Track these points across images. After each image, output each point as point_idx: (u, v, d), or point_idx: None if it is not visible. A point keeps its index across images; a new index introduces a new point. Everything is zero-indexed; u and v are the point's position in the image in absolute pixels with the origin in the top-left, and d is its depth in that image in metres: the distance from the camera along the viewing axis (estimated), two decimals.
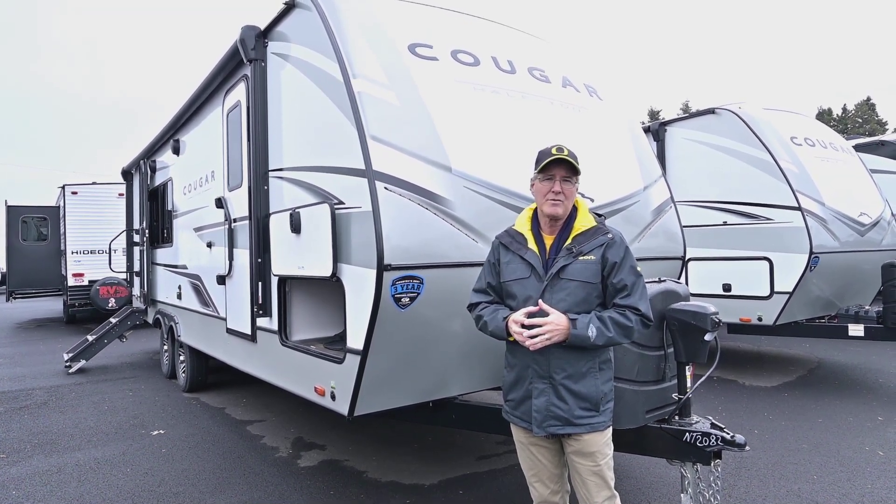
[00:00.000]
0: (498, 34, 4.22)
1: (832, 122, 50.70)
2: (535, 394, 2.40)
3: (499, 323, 2.41)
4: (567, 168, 2.41)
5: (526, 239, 2.49)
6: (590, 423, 2.39)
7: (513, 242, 2.51)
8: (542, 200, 2.44)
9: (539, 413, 2.39)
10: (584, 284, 2.37)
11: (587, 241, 2.42)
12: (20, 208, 15.13)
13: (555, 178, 2.41)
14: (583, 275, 2.37)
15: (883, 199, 7.58)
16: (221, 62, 4.97)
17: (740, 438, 2.87)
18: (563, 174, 2.41)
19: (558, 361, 2.37)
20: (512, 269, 2.47)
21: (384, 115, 3.21)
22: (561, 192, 2.40)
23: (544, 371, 2.39)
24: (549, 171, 2.42)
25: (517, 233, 2.54)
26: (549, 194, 2.41)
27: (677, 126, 7.92)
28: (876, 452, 4.65)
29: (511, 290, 2.47)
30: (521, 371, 2.46)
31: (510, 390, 2.53)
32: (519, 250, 2.47)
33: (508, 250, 2.51)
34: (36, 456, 5.01)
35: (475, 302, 2.58)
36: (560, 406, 2.37)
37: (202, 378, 7.14)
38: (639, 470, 4.35)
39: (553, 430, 2.38)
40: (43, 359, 9.82)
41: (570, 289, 2.36)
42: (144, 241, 8.56)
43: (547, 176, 2.43)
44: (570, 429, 2.38)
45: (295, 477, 4.40)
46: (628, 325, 2.33)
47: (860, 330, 6.52)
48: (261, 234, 4.24)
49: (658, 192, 4.44)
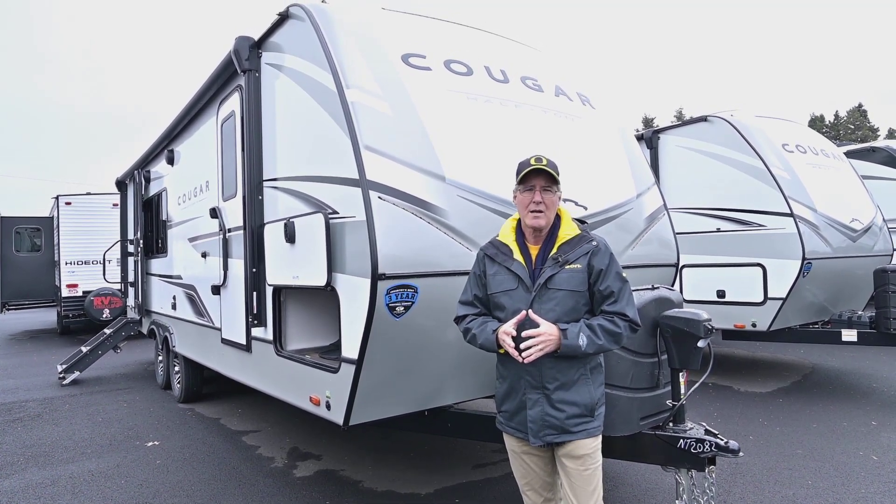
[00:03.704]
0: (491, 44, 4.25)
1: (824, 128, 51.10)
2: (530, 404, 2.41)
3: (488, 336, 2.40)
4: (546, 178, 2.42)
5: (511, 250, 2.48)
6: (585, 430, 2.41)
7: (498, 254, 2.50)
8: (525, 212, 2.45)
9: (534, 423, 2.39)
10: (572, 293, 2.38)
11: (572, 250, 2.42)
12: (13, 219, 15.06)
13: (535, 189, 2.41)
14: (570, 283, 2.37)
15: (874, 205, 7.65)
16: (216, 72, 4.98)
17: (734, 444, 2.89)
18: (543, 184, 2.41)
19: (550, 371, 2.37)
20: (499, 281, 2.46)
21: (378, 124, 3.23)
22: (542, 202, 2.40)
23: (537, 381, 2.39)
24: (528, 181, 2.43)
25: (502, 244, 2.53)
26: (531, 205, 2.41)
27: (670, 134, 7.97)
28: (870, 457, 4.67)
29: (499, 301, 2.46)
30: (514, 382, 2.45)
31: (503, 401, 2.53)
32: (505, 262, 2.47)
33: (494, 262, 2.50)
34: (30, 468, 4.98)
35: (462, 315, 2.56)
36: (555, 415, 2.37)
37: (197, 388, 7.11)
38: (633, 477, 4.35)
39: (549, 440, 2.39)
40: (37, 370, 9.75)
41: (559, 298, 2.37)
42: (139, 251, 8.54)
43: (527, 187, 2.43)
44: (565, 436, 2.39)
45: (291, 487, 4.38)
46: (617, 331, 2.35)
47: (853, 335, 6.55)
48: (255, 244, 4.25)
49: (651, 199, 4.47)
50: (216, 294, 5.22)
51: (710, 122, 7.41)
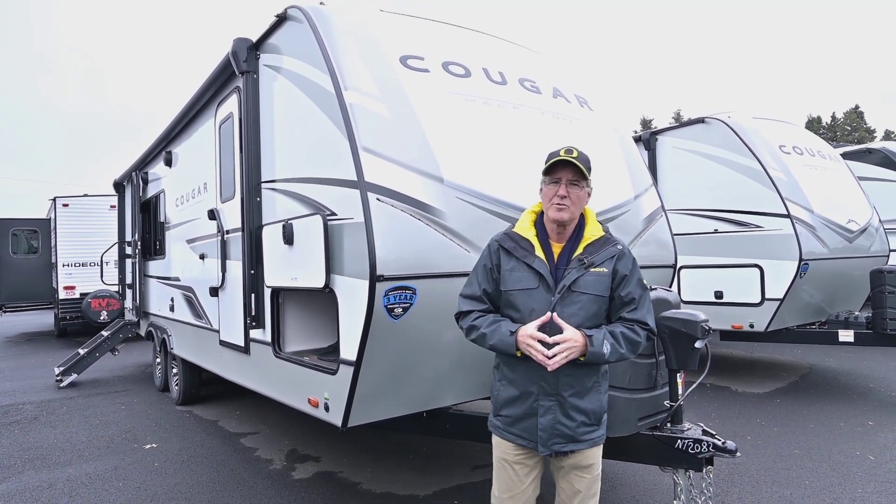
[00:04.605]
0: (489, 46, 4.26)
1: (821, 129, 51.23)
2: (542, 412, 2.27)
3: (504, 337, 2.22)
4: (574, 171, 2.26)
5: (532, 245, 2.31)
6: (591, 439, 2.33)
7: (517, 248, 2.32)
8: (548, 204, 2.29)
9: (544, 432, 2.27)
10: (596, 298, 2.25)
11: (598, 252, 2.29)
12: (10, 221, 15.04)
13: (561, 182, 2.26)
14: (596, 288, 2.25)
15: (871, 206, 7.68)
16: (214, 74, 4.98)
17: (731, 445, 2.90)
18: (570, 177, 2.26)
19: (567, 379, 2.25)
20: (517, 278, 2.29)
21: (376, 126, 3.24)
22: (567, 195, 2.25)
23: (552, 388, 2.26)
24: (555, 173, 2.28)
25: (522, 238, 2.34)
26: (555, 198, 2.26)
27: (668, 135, 8.00)
28: (867, 457, 4.69)
29: (513, 300, 2.30)
30: (525, 387, 2.30)
31: (507, 405, 2.37)
32: (525, 257, 2.29)
33: (512, 256, 2.31)
34: (27, 471, 4.97)
35: (466, 310, 2.37)
36: (566, 424, 2.27)
37: (195, 390, 7.10)
38: (631, 477, 4.35)
39: (557, 448, 2.28)
40: (34, 373, 9.72)
41: (583, 302, 2.24)
42: (136, 253, 8.53)
43: (553, 179, 2.29)
44: (573, 445, 2.29)
45: (289, 489, 4.38)
46: (637, 340, 2.25)
47: (850, 336, 6.57)
48: (253, 246, 4.25)
49: (649, 200, 4.48)
50: (214, 296, 5.21)
51: (707, 123, 7.43)
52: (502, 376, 2.40)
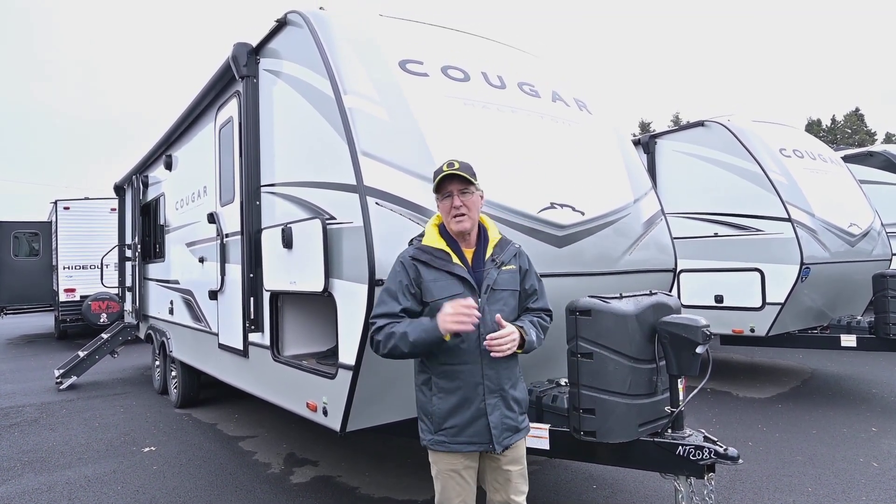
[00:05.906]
0: (488, 50, 4.26)
1: (821, 132, 51.23)
2: (490, 410, 2.35)
3: (426, 325, 2.25)
4: (461, 181, 2.40)
5: (448, 254, 2.41)
6: (526, 426, 2.51)
7: (434, 259, 2.39)
8: (448, 219, 2.42)
9: (496, 429, 2.36)
10: (513, 293, 2.48)
11: (503, 252, 2.50)
12: (11, 224, 15.07)
13: (452, 194, 2.40)
14: (511, 284, 2.47)
15: (872, 210, 7.65)
16: (214, 78, 4.99)
17: (733, 451, 2.87)
18: (460, 187, 2.40)
19: (506, 372, 2.41)
20: (441, 287, 2.35)
21: (375, 130, 3.23)
22: (462, 205, 2.39)
23: (495, 385, 2.38)
24: (444, 188, 2.42)
25: (436, 249, 2.41)
26: (452, 210, 2.40)
27: (667, 139, 7.98)
28: (870, 464, 4.66)
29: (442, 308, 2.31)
30: (469, 391, 2.35)
31: (450, 416, 2.36)
32: (444, 266, 2.38)
33: (431, 268, 2.38)
34: (26, 474, 4.95)
35: (382, 325, 2.33)
36: (510, 416, 2.41)
37: (194, 394, 7.09)
38: (632, 484, 4.33)
39: (507, 442, 2.40)
40: (34, 375, 9.72)
41: (504, 298, 2.44)
42: (136, 256, 8.53)
43: (445, 194, 2.42)
44: (517, 436, 2.44)
45: (287, 493, 4.36)
46: (547, 326, 2.54)
47: (852, 340, 6.54)
48: (253, 250, 4.24)
49: (648, 204, 4.47)
50: (213, 299, 5.21)
51: (707, 126, 7.42)
52: (438, 389, 2.40)
